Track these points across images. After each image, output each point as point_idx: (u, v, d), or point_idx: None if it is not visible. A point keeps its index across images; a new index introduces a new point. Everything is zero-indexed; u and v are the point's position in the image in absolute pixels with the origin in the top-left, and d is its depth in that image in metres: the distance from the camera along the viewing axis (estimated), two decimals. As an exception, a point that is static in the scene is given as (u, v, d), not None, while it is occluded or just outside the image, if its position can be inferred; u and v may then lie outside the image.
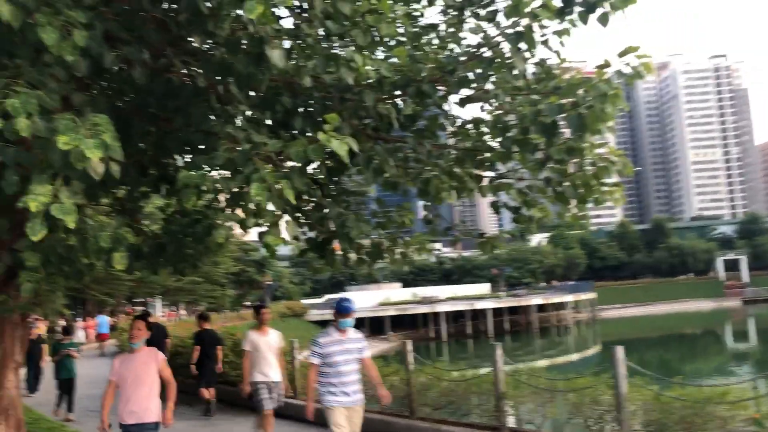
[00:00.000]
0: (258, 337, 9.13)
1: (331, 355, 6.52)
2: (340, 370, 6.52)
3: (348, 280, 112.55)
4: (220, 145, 5.08)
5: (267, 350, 9.06)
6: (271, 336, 9.23)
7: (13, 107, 3.91)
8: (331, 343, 6.57)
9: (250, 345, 9.08)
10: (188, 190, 4.87)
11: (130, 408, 6.28)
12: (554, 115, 5.03)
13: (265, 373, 9.01)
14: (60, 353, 13.64)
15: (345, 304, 6.70)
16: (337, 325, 6.65)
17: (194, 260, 6.50)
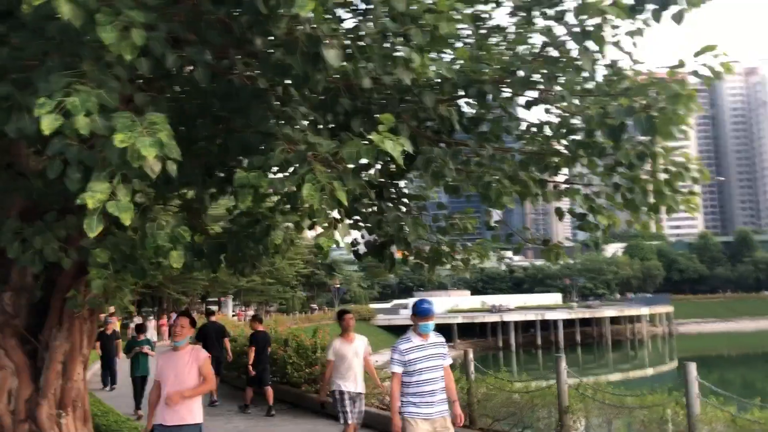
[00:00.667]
0: (343, 345, 8.36)
1: (412, 363, 5.92)
2: (423, 378, 5.92)
3: (416, 286, 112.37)
4: (277, 146, 5.06)
5: (353, 359, 8.31)
6: (357, 343, 8.47)
7: (73, 105, 3.98)
8: (413, 349, 5.98)
9: (334, 353, 8.33)
10: (244, 191, 4.87)
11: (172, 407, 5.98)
12: (622, 117, 4.77)
13: (350, 384, 8.29)
14: (134, 351, 13.56)
15: (424, 306, 6.08)
16: (418, 329, 6.06)
17: (253, 260, 6.53)
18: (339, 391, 8.30)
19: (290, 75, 4.80)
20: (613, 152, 5.47)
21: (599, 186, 6.47)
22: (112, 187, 4.30)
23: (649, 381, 45.95)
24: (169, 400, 5.97)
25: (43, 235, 6.05)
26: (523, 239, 7.25)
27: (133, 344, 13.85)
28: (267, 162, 5.00)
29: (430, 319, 6.04)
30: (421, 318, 6.02)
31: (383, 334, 64.50)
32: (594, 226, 6.36)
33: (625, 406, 7.83)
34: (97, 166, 4.45)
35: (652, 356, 62.75)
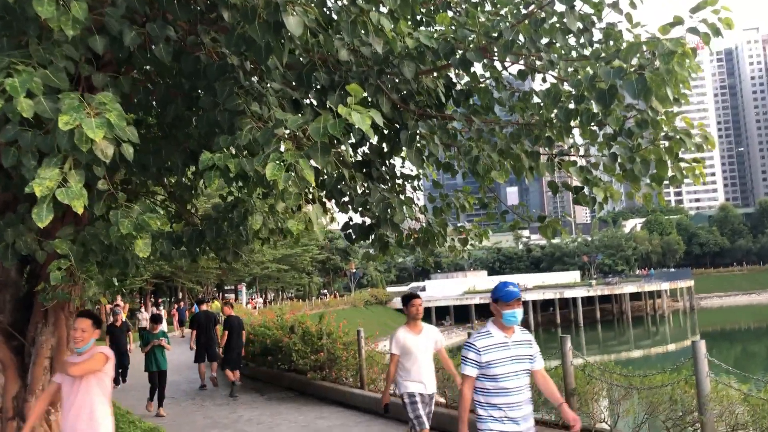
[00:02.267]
0: (409, 336, 6.84)
1: (492, 365, 4.52)
2: (504, 386, 4.53)
3: (433, 269, 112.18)
4: (245, 124, 4.77)
5: (422, 353, 6.84)
6: (427, 334, 6.96)
7: (11, 86, 3.71)
8: (493, 347, 4.56)
9: (398, 347, 6.83)
10: (210, 173, 4.58)
11: None
12: (611, 79, 4.41)
13: (421, 382, 6.84)
14: (150, 344, 12.66)
15: (508, 289, 4.64)
16: (501, 319, 4.61)
17: (234, 247, 6.26)
18: (409, 394, 6.90)
19: (253, 47, 4.49)
20: (602, 118, 5.10)
21: (597, 157, 6.10)
22: (63, 174, 4.04)
23: (671, 357, 45.51)
24: None
25: (15, 228, 5.81)
26: (519, 216, 6.92)
27: (148, 337, 12.93)
28: (234, 141, 4.70)
29: (517, 306, 4.62)
30: (506, 304, 4.59)
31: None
32: (590, 199, 6.01)
33: (633, 387, 7.50)
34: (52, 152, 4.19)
35: (673, 332, 62.15)
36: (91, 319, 5.48)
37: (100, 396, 5.33)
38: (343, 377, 12.78)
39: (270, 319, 15.98)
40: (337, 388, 12.51)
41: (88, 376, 5.28)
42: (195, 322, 15.42)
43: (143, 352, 12.80)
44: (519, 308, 4.63)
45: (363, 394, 11.77)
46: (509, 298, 4.59)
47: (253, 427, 10.79)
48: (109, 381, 5.45)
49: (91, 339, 5.40)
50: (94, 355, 5.31)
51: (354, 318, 49.71)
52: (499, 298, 4.64)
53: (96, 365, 5.29)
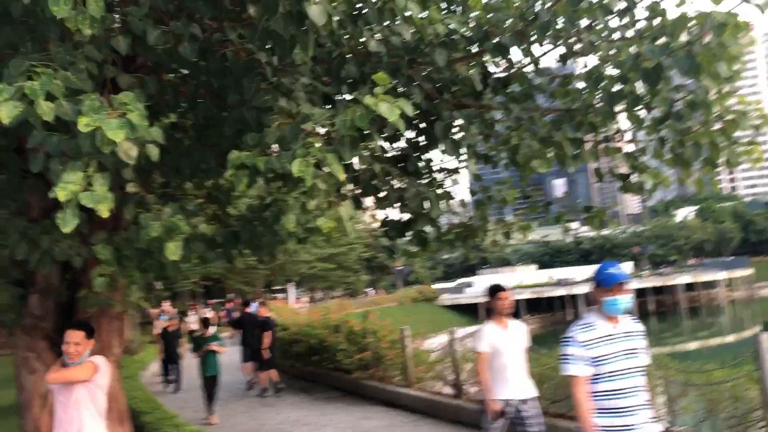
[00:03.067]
0: (497, 332, 6.02)
1: (601, 361, 3.92)
2: (616, 388, 3.91)
3: (480, 264, 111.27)
4: (272, 121, 4.63)
5: (514, 351, 6.03)
6: (516, 330, 6.15)
7: (31, 89, 3.63)
8: (598, 340, 3.95)
9: (488, 343, 6.00)
10: (239, 173, 4.46)
11: None
12: (657, 56, 4.11)
13: (509, 387, 5.96)
14: (203, 349, 12.15)
15: (609, 271, 4.05)
16: (602, 308, 4.02)
17: (269, 248, 6.14)
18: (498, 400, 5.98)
19: (277, 40, 4.34)
20: (650, 100, 4.79)
21: (644, 142, 5.78)
22: (88, 177, 3.96)
23: (729, 348, 44.03)
24: None
25: (51, 235, 5.81)
26: (564, 207, 6.62)
27: (200, 341, 12.40)
28: (262, 139, 4.57)
29: (622, 291, 3.98)
30: (608, 290, 3.97)
31: (448, 313, 64.03)
32: (639, 186, 5.69)
33: (691, 384, 7.13)
34: (77, 156, 4.12)
35: (732, 322, 60.16)
36: (84, 330, 5.03)
37: (91, 410, 4.94)
38: (389, 376, 12.61)
39: (315, 319, 15.92)
40: (383, 388, 12.35)
41: (79, 390, 4.88)
42: (240, 323, 15.61)
43: (196, 357, 12.41)
44: (624, 294, 3.97)
45: (410, 394, 11.57)
46: (611, 283, 3.98)
47: (299, 428, 10.72)
48: (103, 394, 5.04)
49: (86, 351, 4.98)
50: (81, 363, 4.90)
51: (401, 316, 49.63)
52: (599, 282, 4.03)
53: (79, 374, 4.85)
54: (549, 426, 8.29)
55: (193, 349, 12.61)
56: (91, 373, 4.89)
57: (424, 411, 10.87)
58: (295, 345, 15.76)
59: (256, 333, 14.68)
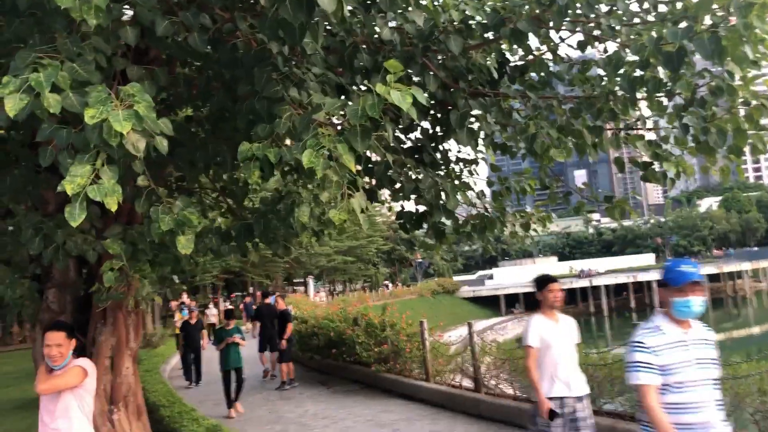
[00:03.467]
0: (547, 326, 5.54)
1: (671, 369, 3.48)
2: (690, 399, 3.49)
3: (501, 256, 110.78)
4: (284, 111, 4.54)
5: (565, 345, 5.53)
6: (566, 323, 5.67)
7: (36, 81, 3.57)
8: (667, 346, 3.50)
9: (538, 337, 5.49)
10: (250, 164, 4.38)
11: None
12: (679, 39, 3.94)
13: (564, 382, 5.44)
14: (225, 341, 11.88)
15: (682, 270, 3.56)
16: (672, 310, 3.56)
17: (284, 241, 6.06)
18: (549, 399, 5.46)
19: (287, 28, 4.24)
20: (671, 85, 4.62)
21: (666, 130, 5.61)
22: (96, 170, 3.90)
23: (755, 340, 43.38)
24: None
25: (65, 229, 5.79)
26: (584, 197, 6.47)
27: (223, 334, 12.09)
28: (273, 130, 4.48)
29: (695, 292, 3.52)
30: (678, 289, 3.53)
31: (469, 306, 63.88)
32: (661, 175, 5.52)
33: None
34: (85, 149, 4.07)
35: (757, 314, 59.30)
36: (65, 330, 4.73)
37: (80, 417, 4.67)
38: (407, 369, 12.54)
39: (333, 312, 15.89)
40: (402, 381, 12.28)
41: (66, 396, 4.62)
42: (258, 315, 15.99)
43: (218, 350, 12.09)
44: (698, 295, 3.52)
45: (429, 387, 11.50)
46: (682, 281, 3.51)
47: (318, 421, 10.68)
48: (91, 398, 4.77)
49: (69, 352, 4.69)
50: (68, 369, 4.62)
51: (421, 308, 49.49)
52: (668, 280, 3.53)
53: (69, 381, 4.59)
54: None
55: (215, 341, 12.36)
56: (80, 378, 4.63)
57: (443, 404, 10.79)
58: (314, 338, 15.75)
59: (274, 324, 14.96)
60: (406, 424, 9.79)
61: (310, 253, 43.67)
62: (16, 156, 6.58)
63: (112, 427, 7.19)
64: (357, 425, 10.05)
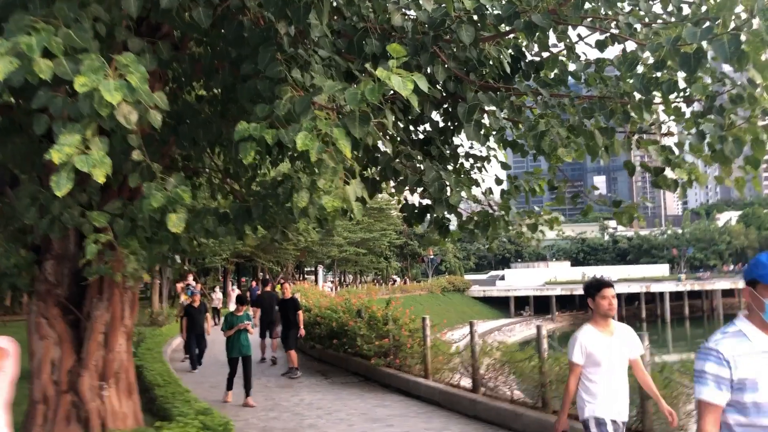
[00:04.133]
0: (599, 339, 4.76)
1: (750, 385, 2.82)
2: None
3: (514, 257, 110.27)
4: (285, 92, 4.42)
5: (616, 363, 4.77)
6: (621, 336, 4.85)
7: (27, 45, 3.47)
8: (749, 356, 2.85)
9: (583, 353, 4.75)
10: (246, 145, 4.27)
11: None
12: (698, 40, 3.77)
13: (611, 406, 4.75)
14: (235, 328, 11.43)
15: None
16: (761, 314, 2.90)
17: (282, 226, 5.95)
18: (597, 421, 4.78)
19: (291, 6, 4.12)
20: (687, 86, 4.44)
21: (681, 136, 5.42)
22: (86, 141, 3.80)
23: None
24: None
25: (62, 200, 5.71)
26: (593, 201, 6.30)
27: (233, 320, 11.57)
28: (272, 111, 4.36)
29: None
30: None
31: (478, 305, 63.67)
32: (672, 182, 5.34)
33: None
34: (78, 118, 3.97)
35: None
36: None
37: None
38: (407, 365, 12.42)
39: (338, 302, 15.81)
40: (401, 376, 12.16)
41: None
42: (258, 302, 15.95)
43: (226, 336, 11.54)
44: None
45: (427, 384, 11.37)
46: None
47: (312, 411, 10.59)
48: (6, 382, 3.87)
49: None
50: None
51: (429, 305, 49.38)
52: (758, 277, 2.90)
53: None
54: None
55: (225, 326, 11.71)
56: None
57: (440, 403, 10.66)
58: (317, 327, 15.68)
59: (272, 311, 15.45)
60: (400, 420, 9.68)
61: (321, 243, 43.65)
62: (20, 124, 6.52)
63: (101, 403, 7.14)
64: (351, 417, 9.95)
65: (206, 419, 7.64)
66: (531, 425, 8.62)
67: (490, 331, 49.07)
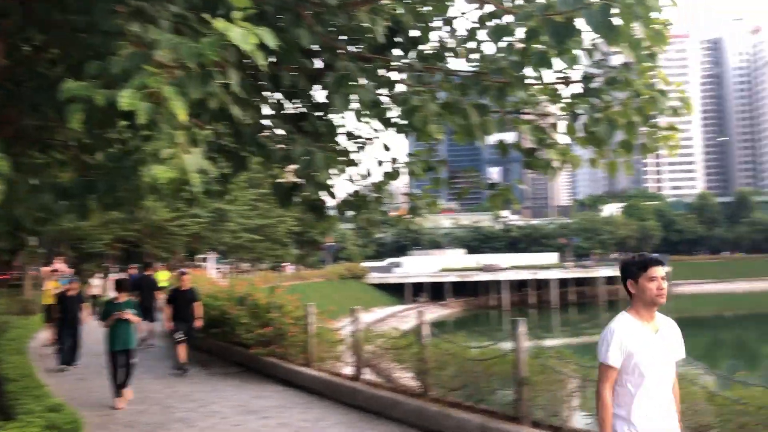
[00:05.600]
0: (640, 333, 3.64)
1: None
2: None
3: (412, 245, 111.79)
4: (120, 48, 3.85)
5: (663, 366, 3.65)
6: (667, 331, 3.75)
7: None
8: None
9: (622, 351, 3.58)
10: (73, 106, 3.69)
11: None
12: (569, 7, 3.54)
13: (660, 422, 3.60)
14: (113, 316, 9.98)
15: None
16: None
17: (130, 204, 5.36)
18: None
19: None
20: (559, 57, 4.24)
21: (557, 117, 5.28)
22: None
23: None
24: None
25: None
26: (468, 183, 6.10)
27: (111, 308, 10.15)
28: (105, 69, 3.79)
29: None
30: None
31: (375, 292, 63.93)
32: (546, 164, 5.19)
33: (590, 380, 6.77)
34: None
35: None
36: None
37: None
38: (289, 354, 11.99)
39: (220, 290, 15.13)
40: (283, 366, 11.73)
41: None
42: (137, 286, 15.48)
43: (104, 326, 10.10)
44: None
45: (310, 373, 11.00)
46: None
47: (184, 403, 9.98)
48: None
49: None
50: None
51: (326, 292, 48.96)
52: None
53: None
54: (443, 416, 7.86)
55: (102, 316, 10.24)
56: None
57: (322, 392, 10.32)
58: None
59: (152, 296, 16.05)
60: (276, 411, 9.25)
61: (212, 228, 42.21)
62: None
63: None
64: (225, 410, 9.43)
65: (55, 417, 6.93)
66: (410, 413, 8.43)
67: (386, 317, 49.36)
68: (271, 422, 8.65)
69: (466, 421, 7.50)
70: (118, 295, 10.36)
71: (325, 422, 8.59)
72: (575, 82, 5.42)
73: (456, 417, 7.65)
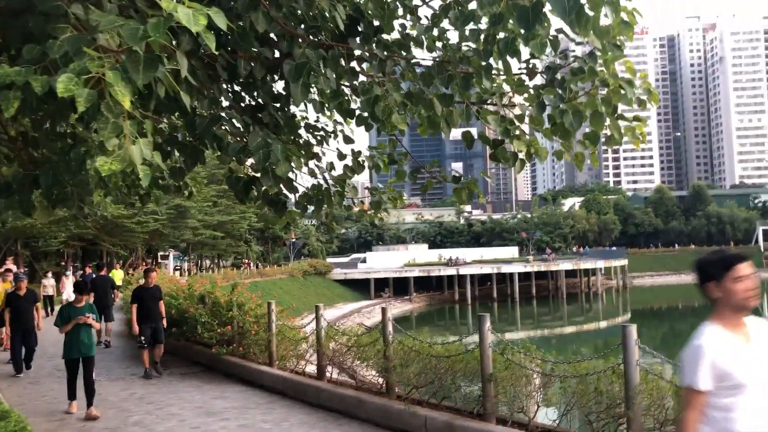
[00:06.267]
0: (732, 347, 3.01)
1: None
2: None
3: (376, 240, 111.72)
4: (60, 30, 3.59)
5: (761, 377, 2.98)
6: (761, 339, 3.08)
7: None
8: None
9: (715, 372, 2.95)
10: (7, 93, 3.44)
11: None
12: (536, -9, 3.40)
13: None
14: (72, 321, 9.29)
15: None
16: None
17: (78, 199, 5.06)
18: None
19: None
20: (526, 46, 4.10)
21: (522, 107, 5.15)
22: None
23: (602, 334, 46.14)
24: None
25: None
26: (431, 175, 5.93)
27: (70, 312, 9.46)
28: (43, 53, 3.53)
29: None
30: None
31: (339, 288, 63.59)
32: (511, 155, 5.06)
33: (555, 375, 6.70)
34: None
35: (606, 309, 63.31)
36: None
37: None
38: (251, 353, 11.73)
39: (179, 288, 14.75)
40: (244, 365, 11.47)
41: None
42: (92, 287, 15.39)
43: (62, 332, 9.43)
44: None
45: (271, 372, 10.77)
46: None
47: (141, 406, 9.65)
48: None
49: None
50: None
51: (290, 289, 48.48)
52: None
53: None
54: (408, 414, 7.72)
55: (60, 321, 9.50)
56: None
57: (285, 392, 10.10)
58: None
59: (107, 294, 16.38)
60: (237, 413, 9.00)
61: (172, 225, 41.43)
62: None
63: None
64: (183, 412, 9.14)
65: (0, 426, 6.59)
66: (374, 412, 8.27)
67: (351, 313, 49.14)
68: (232, 424, 8.40)
69: (432, 419, 7.38)
70: (78, 298, 9.72)
71: (287, 423, 8.38)
72: (541, 73, 5.30)
73: (421, 415, 7.52)
